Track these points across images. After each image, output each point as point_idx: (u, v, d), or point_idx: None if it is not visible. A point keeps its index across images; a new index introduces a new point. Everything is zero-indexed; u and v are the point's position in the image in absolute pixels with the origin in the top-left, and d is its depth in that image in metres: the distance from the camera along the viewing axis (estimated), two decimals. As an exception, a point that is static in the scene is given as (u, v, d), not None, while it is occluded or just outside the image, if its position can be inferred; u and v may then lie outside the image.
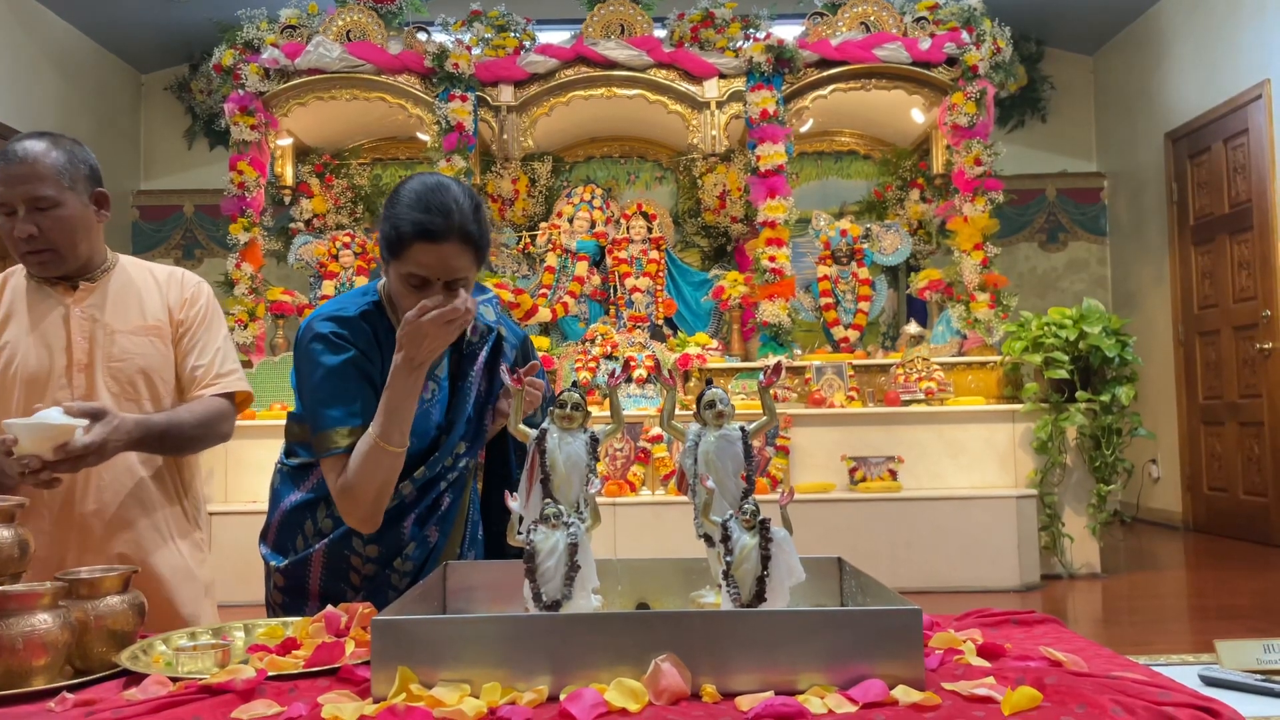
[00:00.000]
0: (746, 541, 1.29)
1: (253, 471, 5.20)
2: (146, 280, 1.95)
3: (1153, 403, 7.10)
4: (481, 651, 1.14)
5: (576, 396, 1.43)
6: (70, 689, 1.22)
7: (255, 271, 5.94)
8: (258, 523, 1.86)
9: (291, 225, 6.64)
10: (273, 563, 1.78)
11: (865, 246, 6.21)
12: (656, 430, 5.13)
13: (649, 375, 5.43)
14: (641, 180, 7.11)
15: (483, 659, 1.13)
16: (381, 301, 1.71)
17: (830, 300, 6.11)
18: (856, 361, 5.68)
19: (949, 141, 6.03)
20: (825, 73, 5.99)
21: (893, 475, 5.12)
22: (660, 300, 6.29)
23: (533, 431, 1.41)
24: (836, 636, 1.14)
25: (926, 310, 6.36)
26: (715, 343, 5.85)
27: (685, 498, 1.45)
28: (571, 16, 6.47)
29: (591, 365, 5.51)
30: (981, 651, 1.30)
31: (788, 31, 6.11)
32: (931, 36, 5.96)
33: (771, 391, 1.53)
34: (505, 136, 6.18)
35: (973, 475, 5.25)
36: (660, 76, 6.08)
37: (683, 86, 6.09)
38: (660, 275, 6.33)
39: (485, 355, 1.78)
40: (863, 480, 5.11)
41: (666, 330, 6.23)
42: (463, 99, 5.89)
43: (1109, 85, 8.04)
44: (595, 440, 1.42)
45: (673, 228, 6.80)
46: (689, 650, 1.12)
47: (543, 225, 6.48)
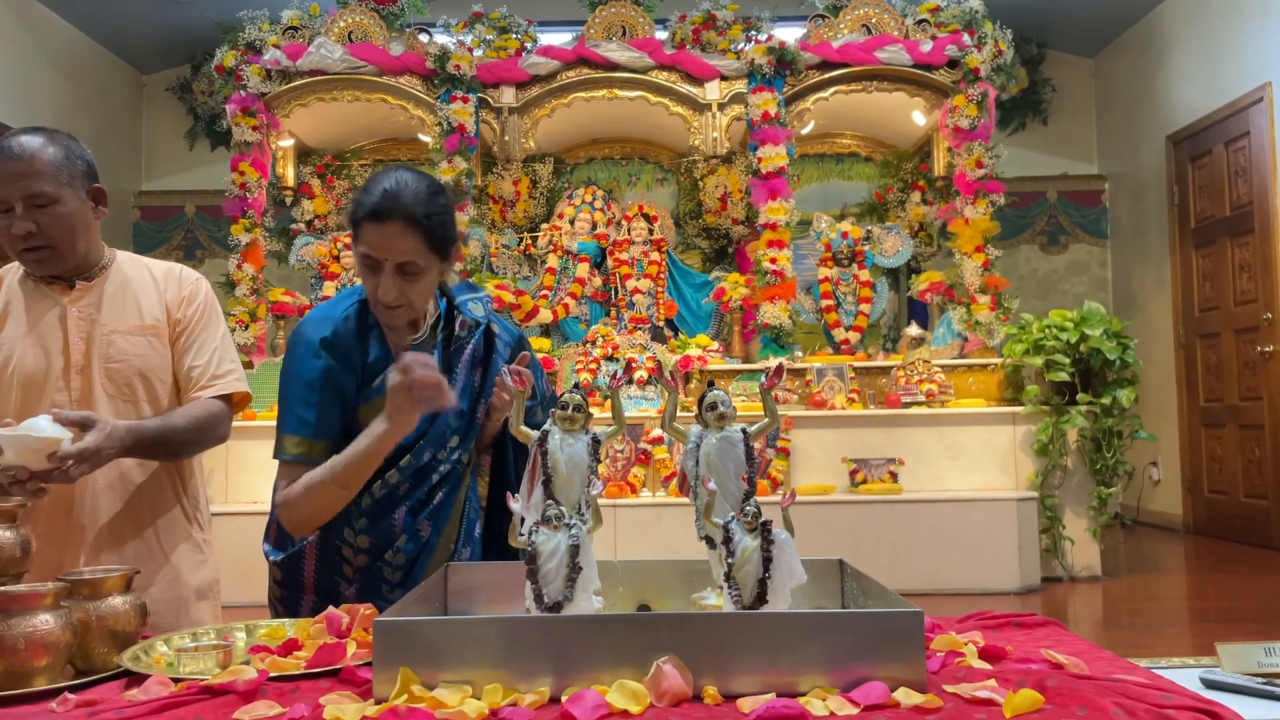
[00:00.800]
0: (748, 543, 1.29)
1: (253, 472, 5.20)
2: (144, 278, 1.92)
3: (1153, 405, 7.10)
4: (483, 653, 1.14)
5: (578, 398, 1.43)
6: (72, 689, 1.22)
7: (256, 272, 5.94)
8: (259, 523, 1.86)
9: (293, 226, 6.64)
10: (272, 558, 1.82)
11: (866, 248, 6.21)
12: (657, 432, 5.13)
13: (650, 377, 5.44)
14: (643, 182, 7.12)
15: (484, 660, 1.13)
16: (366, 299, 1.76)
17: (831, 302, 6.11)
18: (857, 364, 5.67)
19: (950, 144, 6.03)
20: (826, 75, 6.00)
21: (893, 477, 5.11)
22: (661, 302, 6.29)
23: (534, 433, 1.41)
24: (838, 638, 1.14)
25: (927, 312, 6.36)
26: (716, 344, 5.85)
27: (686, 499, 1.45)
28: (573, 18, 6.47)
29: (592, 367, 5.51)
30: (983, 654, 1.30)
31: (789, 34, 6.12)
32: (933, 39, 5.96)
33: (773, 393, 1.53)
34: (507, 138, 6.19)
35: (973, 477, 5.25)
36: (661, 78, 6.09)
37: (684, 88, 6.09)
38: (661, 277, 6.33)
39: (473, 349, 1.81)
40: (863, 482, 5.10)
41: (667, 332, 6.23)
42: (464, 100, 5.89)
43: (1110, 88, 8.04)
44: (597, 442, 1.42)
45: (674, 229, 6.80)
46: (691, 652, 1.12)
47: (544, 226, 6.48)
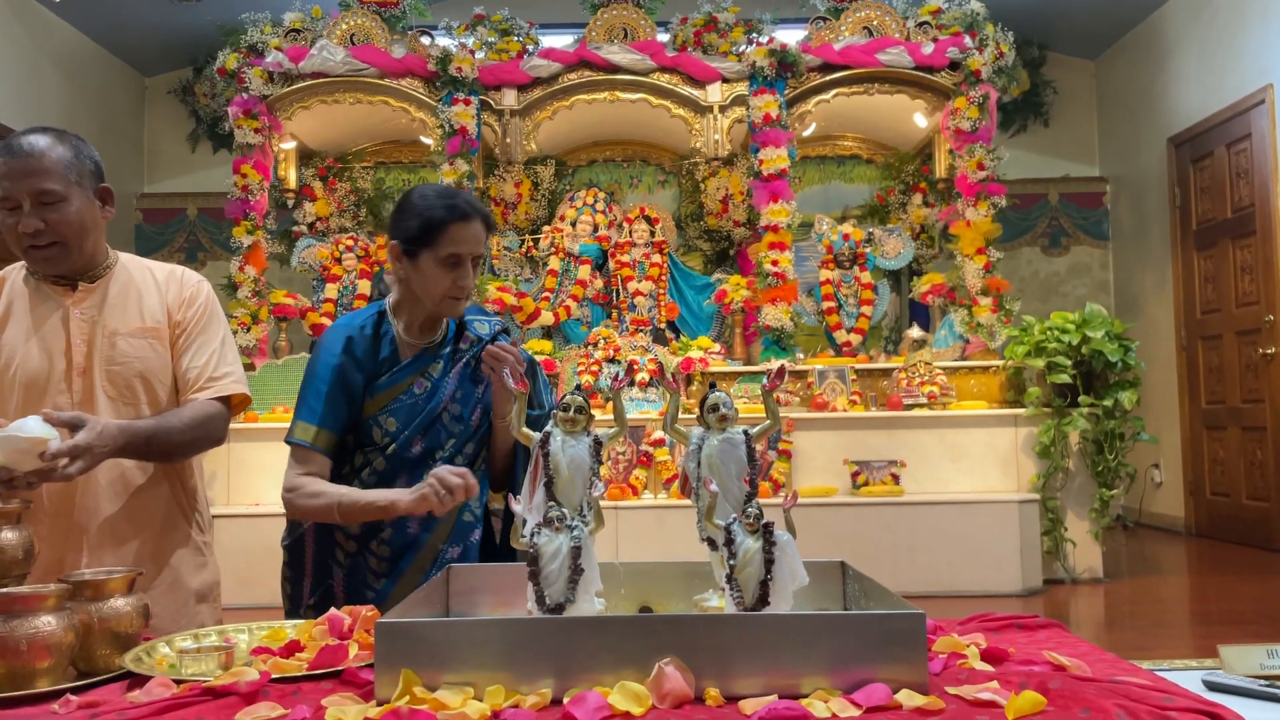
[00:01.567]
0: (750, 545, 1.29)
1: (255, 474, 5.20)
2: (146, 280, 1.92)
3: (1155, 407, 7.10)
4: (485, 654, 1.13)
5: (580, 400, 1.43)
6: (74, 691, 1.22)
7: (258, 274, 5.94)
8: (261, 525, 1.90)
9: (295, 228, 6.65)
10: (284, 542, 2.01)
11: (868, 251, 6.21)
12: (659, 434, 5.13)
13: (651, 379, 5.44)
14: (644, 184, 7.12)
15: (486, 662, 1.13)
16: (385, 310, 1.98)
17: (833, 304, 6.11)
18: (859, 365, 5.67)
19: (951, 146, 6.03)
20: (828, 77, 6.00)
21: (895, 479, 5.11)
22: (662, 304, 6.30)
23: (535, 435, 1.41)
24: (840, 640, 1.14)
25: (929, 314, 6.36)
26: (717, 346, 5.85)
27: (687, 501, 1.45)
28: (575, 20, 6.48)
29: (594, 369, 5.51)
30: (985, 656, 1.30)
31: (790, 36, 6.12)
32: (934, 41, 5.96)
33: (774, 395, 1.54)
34: (508, 140, 6.19)
35: (975, 479, 5.24)
36: (663, 80, 6.09)
37: (685, 90, 6.10)
38: (663, 279, 6.33)
39: (472, 360, 1.99)
40: (865, 484, 5.10)
41: (669, 334, 6.23)
42: (466, 103, 5.90)
43: (1111, 90, 8.04)
44: (598, 443, 1.42)
45: (675, 231, 6.80)
46: (692, 654, 1.12)
47: (545, 229, 6.49)
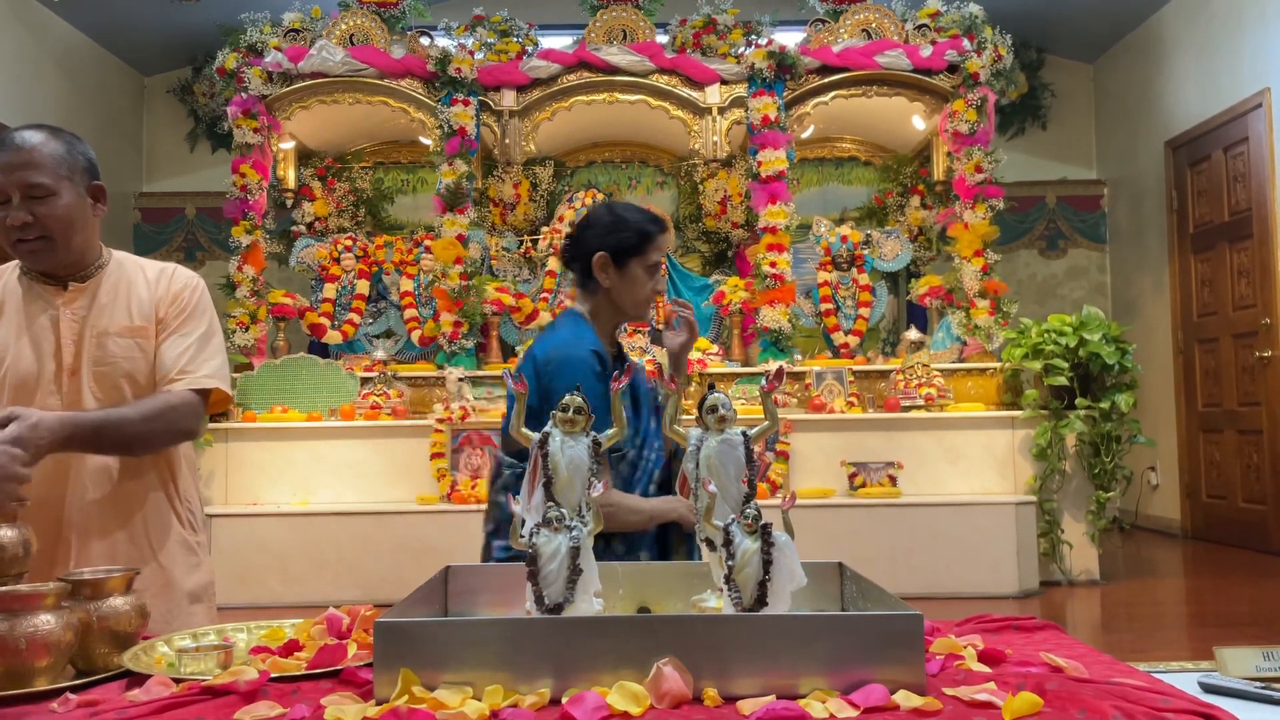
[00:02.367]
0: (748, 546, 1.29)
1: (253, 473, 5.20)
2: (137, 279, 1.91)
3: (1152, 410, 7.11)
4: (484, 654, 1.14)
5: (579, 400, 1.44)
6: (73, 690, 1.22)
7: (257, 274, 5.94)
8: (258, 525, 1.88)
9: (293, 228, 6.65)
10: (499, 556, 2.08)
11: (866, 253, 6.22)
12: (657, 435, 5.13)
13: (652, 381, 5.44)
14: (643, 185, 7.13)
15: (485, 661, 1.13)
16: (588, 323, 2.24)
17: (830, 306, 6.11)
18: (857, 367, 5.68)
19: (950, 148, 6.04)
20: (827, 79, 6.00)
21: (892, 481, 5.12)
22: (661, 305, 6.29)
23: (534, 435, 1.41)
24: (838, 641, 1.14)
25: (926, 317, 6.36)
26: (716, 348, 5.86)
27: (690, 503, 1.46)
28: (574, 22, 6.48)
29: (592, 369, 5.51)
30: (982, 657, 1.30)
31: (789, 38, 6.13)
32: (933, 44, 5.97)
33: (772, 396, 1.54)
34: (507, 141, 6.19)
35: (972, 481, 5.25)
36: (662, 82, 6.09)
37: (684, 92, 6.10)
38: (661, 280, 6.33)
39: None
40: (862, 486, 5.11)
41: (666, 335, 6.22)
42: (465, 103, 5.90)
43: (1109, 93, 8.06)
44: (598, 444, 1.43)
45: (673, 233, 6.80)
46: (691, 654, 1.12)
47: (544, 229, 6.49)
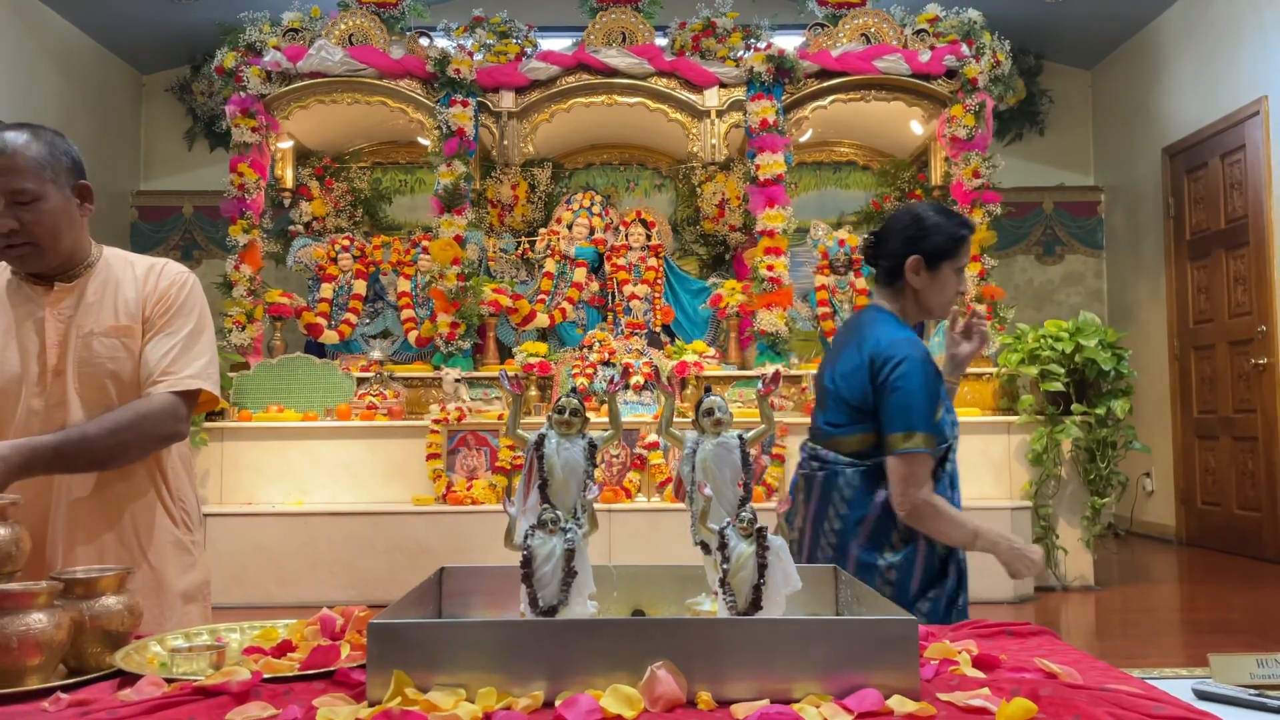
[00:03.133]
0: (743, 549, 1.29)
1: (249, 473, 5.19)
2: (126, 275, 1.87)
3: (1147, 416, 7.11)
4: (478, 656, 1.13)
5: (575, 402, 1.43)
6: (64, 689, 1.21)
7: (254, 273, 5.93)
8: (254, 525, 1.86)
9: (291, 228, 6.64)
10: (881, 562, 2.13)
11: (863, 257, 6.21)
12: (653, 437, 5.13)
13: (646, 382, 5.44)
14: (641, 188, 7.13)
15: (479, 664, 1.13)
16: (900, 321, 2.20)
17: (828, 310, 6.11)
18: (853, 371, 5.67)
19: (947, 153, 6.05)
20: (825, 83, 6.01)
21: (888, 485, 5.11)
22: (658, 307, 6.30)
23: (530, 437, 1.41)
24: (832, 645, 1.14)
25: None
26: (712, 351, 5.86)
27: (681, 505, 1.45)
28: (573, 24, 6.48)
29: (589, 371, 5.51)
30: (977, 663, 1.30)
31: (788, 42, 6.13)
32: (931, 49, 5.98)
33: (769, 400, 1.54)
34: (506, 142, 6.19)
35: (968, 487, 5.20)
36: (661, 85, 6.10)
37: (683, 95, 6.11)
38: (658, 282, 6.34)
39: None
40: (858, 490, 5.09)
41: (664, 338, 6.23)
42: (464, 104, 5.90)
43: (1107, 100, 8.07)
44: (593, 446, 1.42)
45: (671, 235, 6.81)
46: (685, 657, 1.12)
47: (542, 231, 6.49)
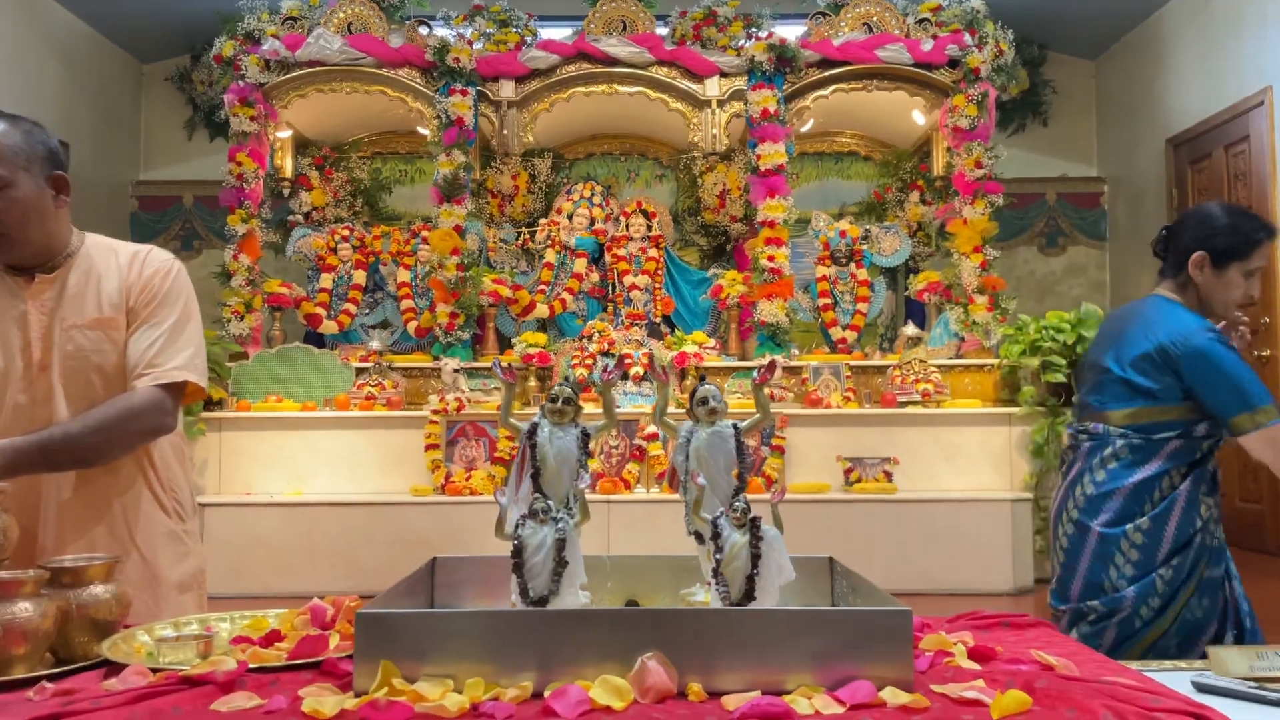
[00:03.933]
0: (737, 539, 1.28)
1: (247, 463, 5.18)
2: (108, 265, 1.84)
3: (1150, 409, 7.08)
4: (466, 646, 1.13)
5: (568, 391, 1.42)
6: (50, 678, 1.20)
7: (253, 263, 5.91)
8: (252, 515, 1.85)
9: (290, 218, 6.62)
10: (1127, 527, 2.18)
11: (864, 248, 6.20)
12: (652, 428, 5.12)
13: (645, 373, 5.42)
14: (641, 178, 7.10)
15: (467, 654, 1.12)
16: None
17: (828, 301, 6.09)
18: (854, 362, 5.66)
19: (950, 144, 6.02)
20: (827, 73, 5.98)
21: (888, 477, 5.10)
22: (658, 298, 6.28)
23: (522, 425, 1.40)
24: (826, 636, 1.13)
25: (925, 313, 6.35)
26: (713, 341, 5.84)
27: (680, 496, 1.44)
28: (573, 13, 6.45)
29: (588, 362, 5.49)
30: (972, 654, 1.29)
31: (790, 32, 6.10)
32: (934, 38, 5.94)
33: (767, 390, 1.52)
34: (505, 132, 6.17)
35: (968, 478, 5.23)
36: (661, 74, 6.07)
37: (684, 84, 6.08)
38: (659, 273, 6.32)
39: None
40: (858, 481, 5.09)
41: (664, 328, 6.21)
42: (463, 93, 5.87)
43: (1110, 90, 8.03)
44: (586, 435, 1.41)
45: (672, 226, 6.78)
46: (676, 648, 1.11)
47: (542, 221, 6.47)
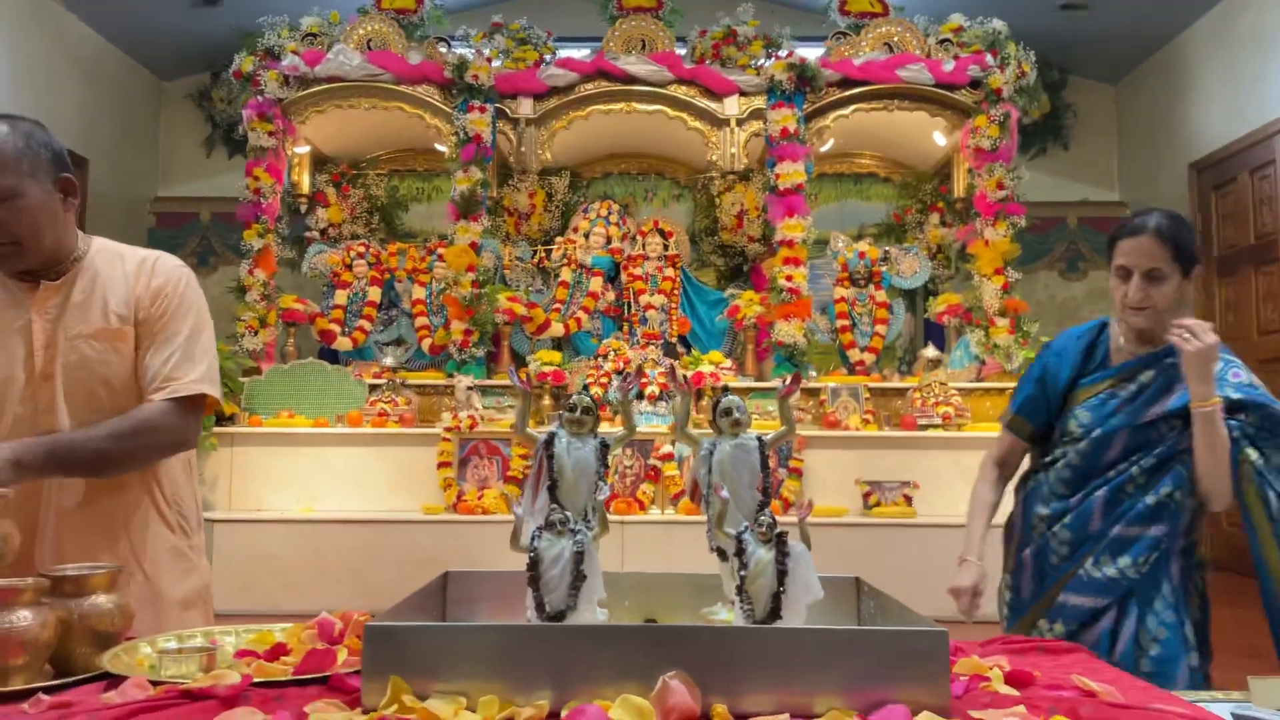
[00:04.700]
0: (762, 555, 1.23)
1: (258, 479, 5.15)
2: (114, 272, 1.80)
3: (1172, 435, 6.99)
4: (480, 662, 1.09)
5: (587, 400, 1.38)
6: (47, 690, 1.16)
7: (268, 278, 5.91)
8: (262, 531, 1.81)
9: (306, 234, 6.62)
10: None
11: (883, 269, 6.14)
12: (667, 448, 5.06)
13: (662, 393, 5.37)
14: (659, 197, 7.08)
15: (481, 670, 1.08)
16: (1108, 322, 2.17)
17: (847, 322, 6.04)
18: (872, 384, 5.59)
19: (971, 165, 5.97)
20: (847, 92, 5.95)
21: (908, 501, 5.02)
22: (674, 318, 6.24)
23: (539, 435, 1.35)
24: (857, 657, 1.08)
25: (944, 335, 6.28)
26: (729, 362, 5.78)
27: (696, 517, 1.40)
28: (592, 34, 6.46)
29: (604, 381, 5.45)
30: (1009, 679, 1.24)
31: (810, 53, 6.08)
32: (955, 59, 5.92)
33: (789, 402, 1.47)
34: (523, 149, 6.16)
35: (989, 503, 5.14)
36: (680, 93, 6.05)
37: (703, 103, 6.06)
38: (675, 293, 6.28)
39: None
40: (877, 505, 5.01)
41: (680, 348, 6.17)
42: (481, 110, 5.87)
43: (1132, 114, 7.99)
44: (605, 446, 1.37)
45: (689, 246, 6.75)
46: (700, 668, 1.07)
47: (558, 240, 6.44)
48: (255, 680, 1.16)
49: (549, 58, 6.18)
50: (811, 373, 5.69)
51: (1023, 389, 2.22)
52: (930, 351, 5.54)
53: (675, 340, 6.22)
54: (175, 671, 1.21)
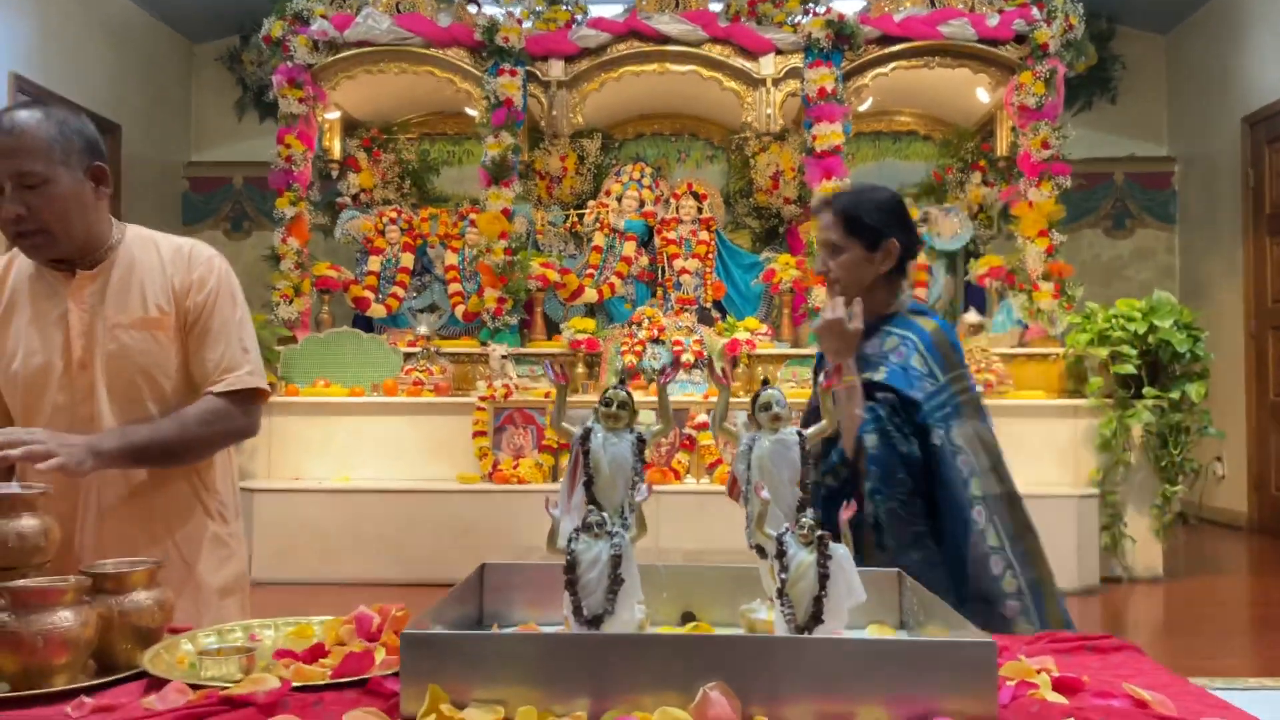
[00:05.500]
0: (803, 558, 1.20)
1: (296, 448, 5.20)
2: (151, 261, 1.80)
3: (1220, 399, 6.83)
4: (517, 670, 1.08)
5: (624, 395, 1.35)
6: (89, 691, 1.17)
7: (301, 246, 5.93)
8: (301, 500, 1.82)
9: (338, 200, 6.62)
10: None
11: (923, 231, 6.02)
12: (703, 417, 5.04)
13: (696, 360, 5.33)
14: (692, 159, 6.98)
15: (519, 678, 1.08)
16: None
17: (884, 285, 5.94)
18: (910, 349, 5.51)
19: (1015, 123, 5.82)
20: (887, 50, 5.80)
21: (945, 468, 4.96)
22: (709, 283, 6.18)
23: (574, 430, 1.33)
24: (902, 668, 1.06)
25: (985, 298, 6.17)
26: (764, 327, 5.73)
27: (741, 505, 1.37)
28: (625, -6, 6.34)
29: (638, 349, 5.42)
30: (1057, 685, 1.20)
31: (848, 6, 5.93)
32: (1000, 13, 5.74)
33: (831, 394, 1.44)
34: (554, 112, 6.09)
35: (1031, 472, 5.06)
36: (715, 52, 5.93)
37: (738, 63, 5.94)
38: (710, 257, 6.21)
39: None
40: (914, 473, 4.96)
41: (715, 314, 6.11)
42: (512, 73, 5.80)
43: (1183, 66, 7.73)
44: (642, 441, 1.34)
45: (723, 208, 6.66)
46: (740, 677, 1.05)
47: (590, 204, 6.39)
48: (294, 685, 1.16)
49: (580, 18, 6.09)
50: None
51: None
52: (972, 316, 5.44)
53: (710, 305, 6.17)
54: (215, 673, 1.22)
